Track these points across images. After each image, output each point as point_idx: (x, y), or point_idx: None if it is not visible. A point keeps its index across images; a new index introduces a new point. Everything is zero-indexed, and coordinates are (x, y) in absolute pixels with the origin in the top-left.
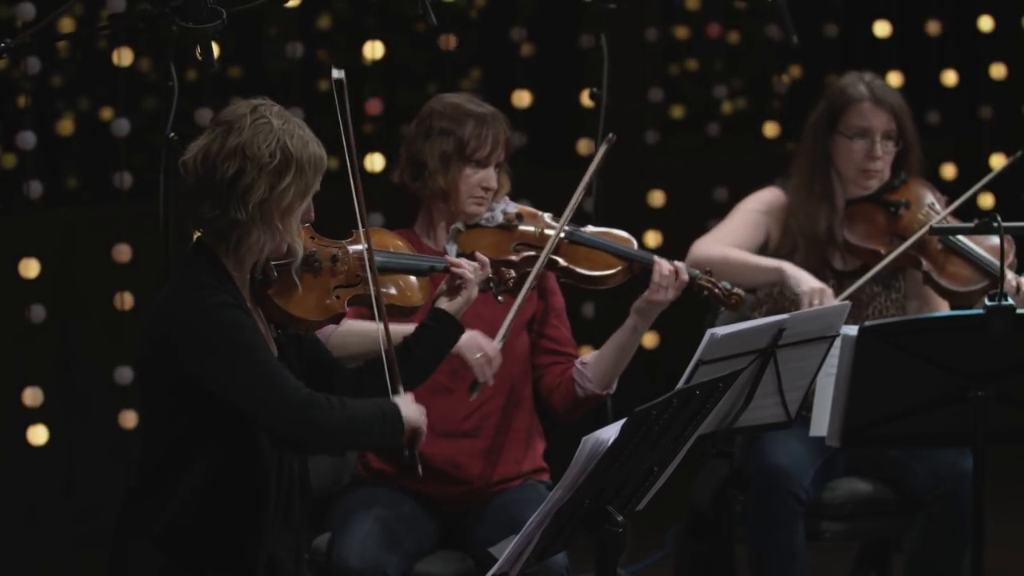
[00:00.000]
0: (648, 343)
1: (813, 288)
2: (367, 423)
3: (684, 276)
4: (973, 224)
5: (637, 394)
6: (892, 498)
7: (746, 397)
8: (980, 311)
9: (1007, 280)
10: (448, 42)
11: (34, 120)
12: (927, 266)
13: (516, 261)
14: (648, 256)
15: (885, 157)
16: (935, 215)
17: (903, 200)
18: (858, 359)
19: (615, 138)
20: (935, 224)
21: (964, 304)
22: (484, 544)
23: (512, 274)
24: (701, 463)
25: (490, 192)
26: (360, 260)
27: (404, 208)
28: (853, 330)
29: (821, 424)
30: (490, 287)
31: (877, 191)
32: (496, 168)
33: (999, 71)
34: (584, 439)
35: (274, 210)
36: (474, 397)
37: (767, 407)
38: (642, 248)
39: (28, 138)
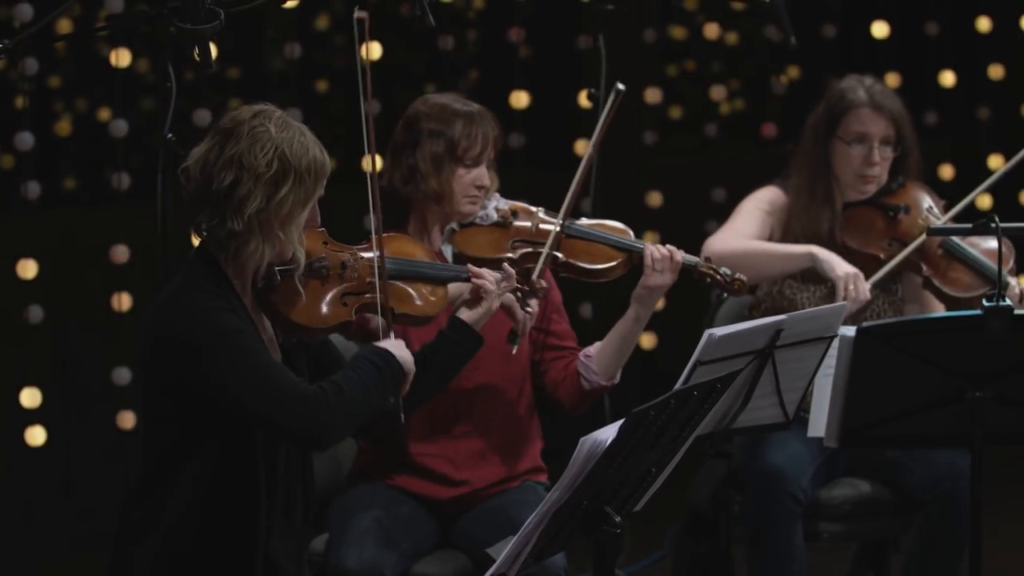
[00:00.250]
0: (646, 343)
1: (848, 273)
2: (369, 389)
3: (678, 257)
4: (971, 225)
5: (635, 395)
6: (890, 499)
7: (744, 398)
8: (978, 312)
9: (1011, 288)
10: (446, 43)
11: (32, 121)
12: (927, 271)
13: (515, 258)
14: (641, 244)
15: (883, 163)
16: (935, 220)
17: (902, 204)
18: (856, 360)
19: (624, 89)
20: (932, 227)
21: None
22: (482, 545)
23: (543, 283)
24: (699, 464)
25: (483, 190)
26: (372, 267)
27: (401, 209)
28: (851, 331)
29: (819, 425)
30: (518, 297)
31: (875, 195)
32: (488, 165)
33: (997, 72)
34: (582, 440)
35: (273, 219)
36: (516, 349)
37: (765, 408)
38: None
39: (26, 139)
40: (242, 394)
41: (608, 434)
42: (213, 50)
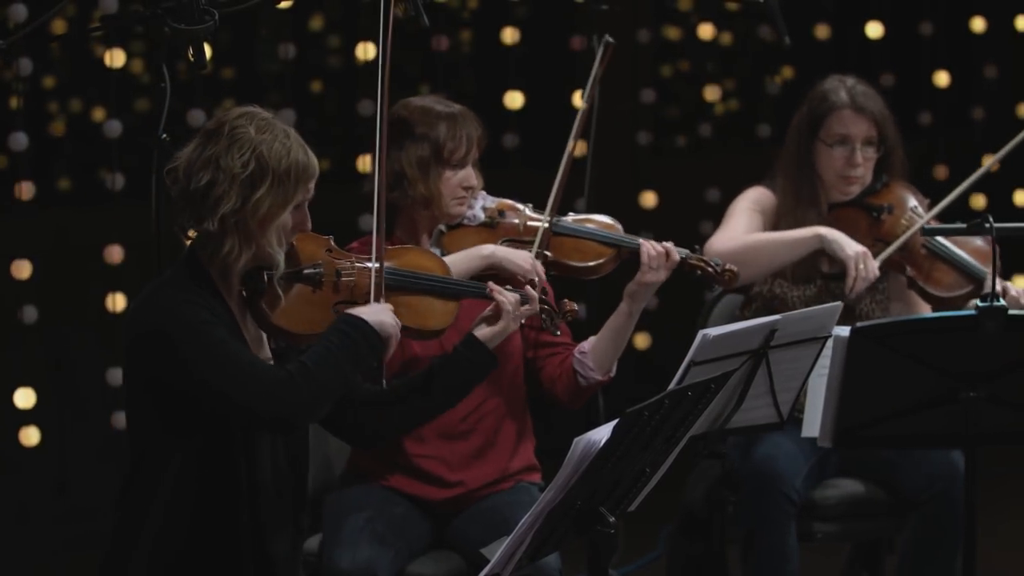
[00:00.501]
0: (640, 344)
1: (857, 252)
2: (340, 361)
3: (675, 256)
4: (965, 225)
5: (629, 395)
6: (884, 499)
7: (738, 398)
8: (972, 312)
9: (1007, 291)
10: (440, 43)
11: (26, 121)
12: (911, 271)
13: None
14: (634, 239)
15: (866, 163)
16: (918, 219)
17: (885, 204)
18: (850, 360)
19: (613, 41)
20: (926, 227)
21: (949, 308)
22: (476, 545)
23: (574, 307)
24: (693, 464)
25: (471, 191)
26: (369, 279)
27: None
28: (845, 331)
29: (813, 425)
30: (543, 319)
31: (859, 195)
32: (474, 165)
33: (991, 72)
34: (576, 440)
35: (249, 220)
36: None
37: (759, 408)
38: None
39: (20, 139)
40: (210, 380)
41: (602, 434)
42: (207, 50)
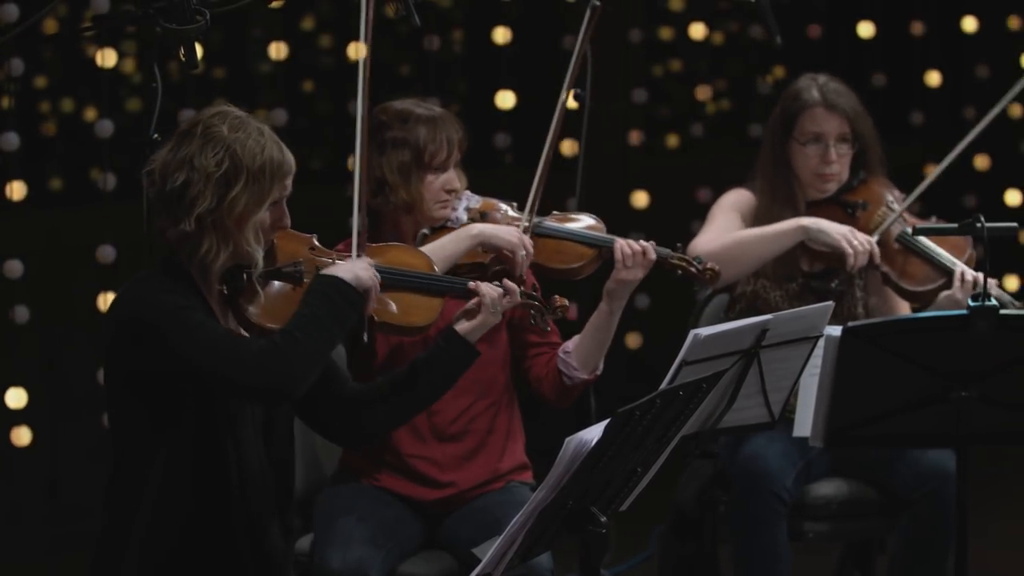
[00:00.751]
0: (632, 343)
1: (843, 231)
2: (323, 321)
3: (651, 255)
4: (956, 225)
5: (620, 395)
6: (875, 498)
7: (729, 398)
8: (964, 312)
9: (964, 276)
10: (432, 43)
11: (18, 121)
12: (885, 267)
13: (486, 262)
14: (610, 239)
15: (841, 160)
16: (891, 213)
17: (860, 201)
18: (841, 360)
19: (599, 4)
20: (918, 225)
21: (922, 302)
22: (468, 545)
23: (564, 302)
24: (685, 464)
25: (454, 193)
26: None
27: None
28: (836, 331)
29: (804, 424)
30: (531, 316)
31: (836, 192)
32: (456, 167)
33: (983, 72)
34: (567, 440)
35: (226, 219)
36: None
37: (750, 408)
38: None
39: (11, 139)
40: (199, 361)
41: (594, 434)
42: (199, 50)
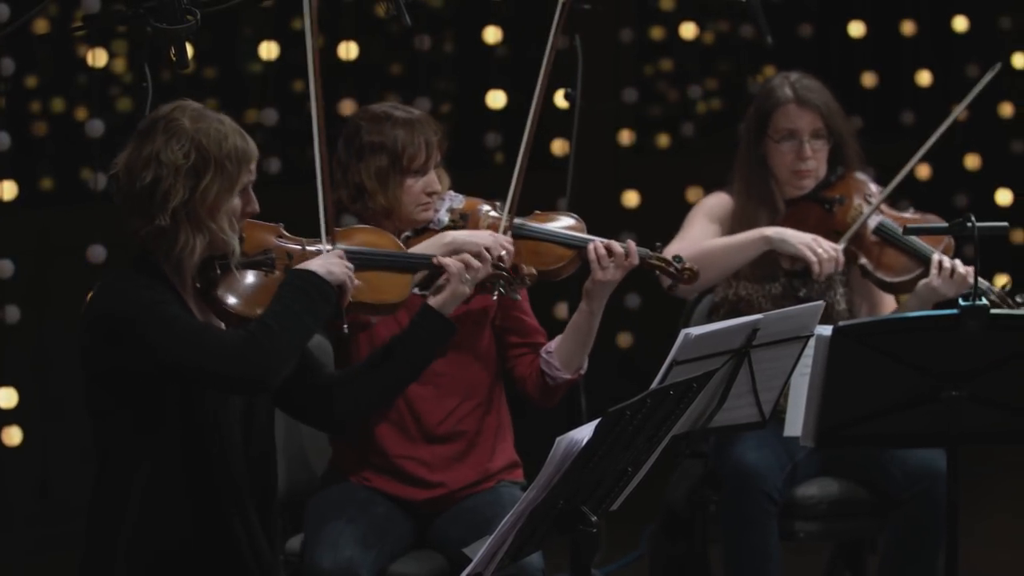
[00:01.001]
0: (623, 343)
1: (806, 240)
2: (297, 314)
3: (634, 258)
4: (947, 224)
5: (611, 394)
6: (866, 498)
7: (720, 397)
8: (954, 311)
9: (942, 264)
10: (423, 43)
11: (8, 121)
12: (863, 260)
13: None
14: (589, 239)
15: (816, 155)
16: (868, 207)
17: (838, 196)
18: (832, 359)
19: (570, 1)
20: (908, 226)
21: (901, 292)
22: (458, 545)
23: (532, 271)
24: (675, 463)
25: (435, 195)
26: None
27: None
28: (827, 330)
29: (795, 424)
30: (499, 286)
31: (815, 189)
32: (435, 170)
33: (974, 71)
34: (558, 439)
35: (199, 209)
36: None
37: (741, 407)
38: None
39: (2, 139)
40: (176, 353)
41: (584, 433)
42: (189, 50)
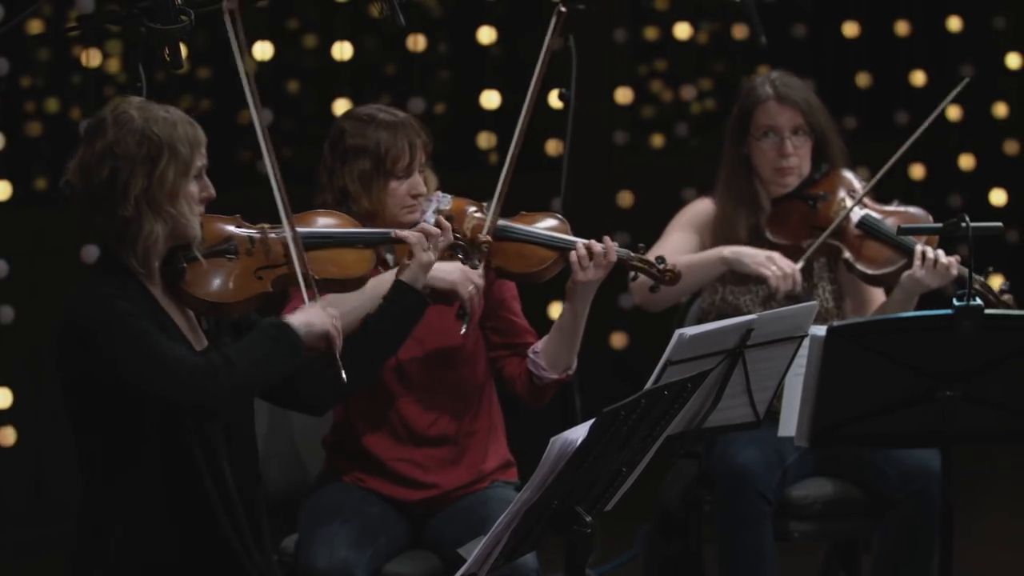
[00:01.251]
0: (617, 343)
1: (759, 261)
2: (262, 360)
3: (612, 256)
4: (940, 225)
5: (605, 394)
6: (861, 498)
7: (715, 397)
8: (948, 311)
9: (925, 255)
10: (416, 43)
11: (2, 121)
12: (847, 254)
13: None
14: (572, 240)
15: (799, 152)
16: (849, 202)
17: (821, 193)
18: (826, 359)
19: (566, 11)
20: (902, 226)
21: (885, 285)
22: (453, 545)
23: (488, 239)
24: (670, 463)
25: (420, 197)
26: (284, 241)
27: None
28: (821, 330)
29: (790, 424)
30: (459, 257)
31: (799, 186)
32: (421, 171)
33: (968, 71)
34: (552, 440)
35: (159, 196)
36: (465, 330)
37: (736, 407)
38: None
39: None
40: (132, 369)
41: (579, 434)
42: (183, 50)
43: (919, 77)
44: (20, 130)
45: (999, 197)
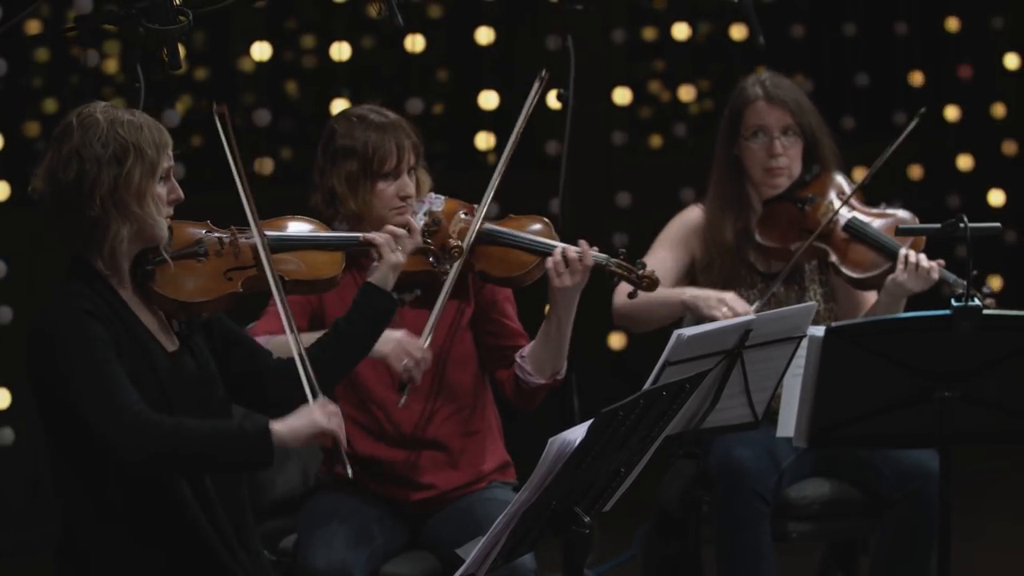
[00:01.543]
0: (616, 344)
1: (711, 304)
2: (220, 447)
3: (588, 262)
4: (939, 225)
5: (604, 395)
6: (859, 498)
7: (713, 398)
8: (947, 312)
9: (908, 258)
10: (415, 44)
11: (1, 121)
12: (833, 258)
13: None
14: (551, 245)
15: (788, 152)
16: (836, 203)
17: (810, 195)
18: (825, 360)
19: (548, 75)
20: (900, 226)
21: (871, 288)
22: (451, 545)
23: (459, 243)
24: (668, 464)
25: (409, 199)
26: (253, 244)
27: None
28: (820, 331)
29: (788, 425)
30: (430, 261)
31: (790, 188)
32: (410, 172)
33: (966, 72)
34: (551, 440)
35: (126, 196)
36: (404, 402)
37: (734, 408)
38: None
39: None
40: (79, 392)
41: (577, 434)
42: (181, 50)
43: (917, 77)
44: (18, 130)
45: (997, 198)
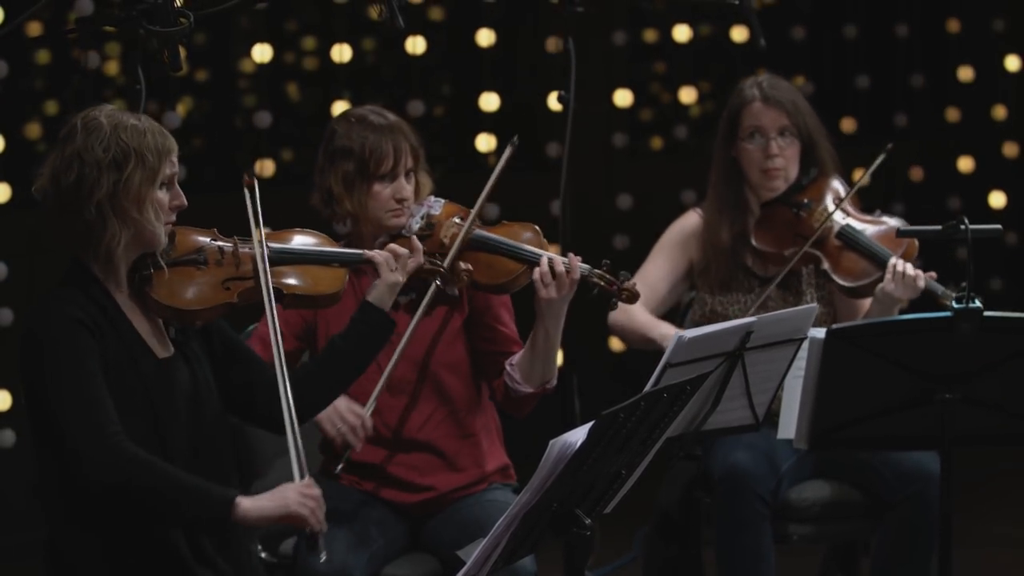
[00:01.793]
0: (616, 346)
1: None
2: (185, 503)
3: (575, 276)
4: (940, 227)
5: (605, 397)
6: (859, 500)
7: (714, 400)
8: (947, 314)
9: (896, 268)
10: (416, 46)
11: (1, 123)
12: (826, 265)
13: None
14: (538, 253)
15: (785, 154)
16: (829, 212)
17: (805, 200)
18: (825, 362)
19: (518, 142)
20: (901, 228)
21: (861, 297)
22: (452, 547)
23: (469, 267)
24: (669, 465)
25: (406, 201)
26: (254, 256)
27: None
28: (821, 333)
29: (789, 427)
30: (437, 283)
31: (787, 192)
32: (409, 175)
33: (967, 74)
34: (552, 442)
35: (124, 201)
36: (340, 470)
37: (735, 410)
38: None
39: None
40: (63, 408)
41: (578, 436)
42: (182, 52)
43: (918, 79)
44: (18, 132)
45: (998, 199)
